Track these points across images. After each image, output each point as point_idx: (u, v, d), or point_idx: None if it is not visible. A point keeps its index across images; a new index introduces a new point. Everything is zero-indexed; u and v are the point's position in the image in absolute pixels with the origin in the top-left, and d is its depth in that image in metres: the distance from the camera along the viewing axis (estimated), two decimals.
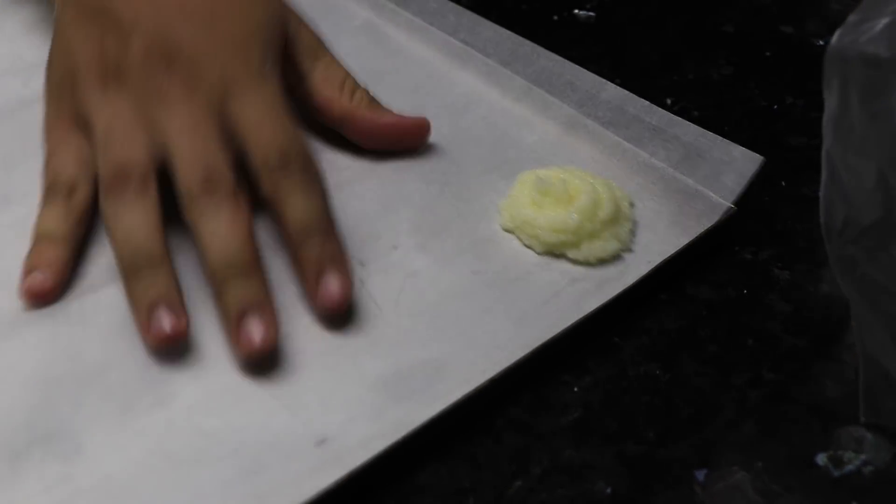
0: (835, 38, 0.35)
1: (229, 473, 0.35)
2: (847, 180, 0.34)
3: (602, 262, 0.43)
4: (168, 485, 0.34)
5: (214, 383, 0.38)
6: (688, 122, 0.47)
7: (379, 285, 0.42)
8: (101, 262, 0.42)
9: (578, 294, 0.41)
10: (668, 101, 0.54)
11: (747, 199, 0.44)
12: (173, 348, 0.38)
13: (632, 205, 0.45)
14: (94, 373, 0.38)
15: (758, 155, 0.45)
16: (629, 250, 0.43)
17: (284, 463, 0.35)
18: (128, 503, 0.34)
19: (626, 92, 0.50)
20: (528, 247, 0.44)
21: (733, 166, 0.45)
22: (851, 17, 0.34)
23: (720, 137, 0.46)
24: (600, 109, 0.49)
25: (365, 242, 0.44)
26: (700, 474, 0.36)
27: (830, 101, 0.35)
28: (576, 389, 0.39)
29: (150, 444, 0.36)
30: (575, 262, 0.43)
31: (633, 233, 0.44)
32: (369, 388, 0.37)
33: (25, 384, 0.37)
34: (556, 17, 0.61)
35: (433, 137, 0.49)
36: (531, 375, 0.39)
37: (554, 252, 0.43)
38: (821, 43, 0.59)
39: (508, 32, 0.54)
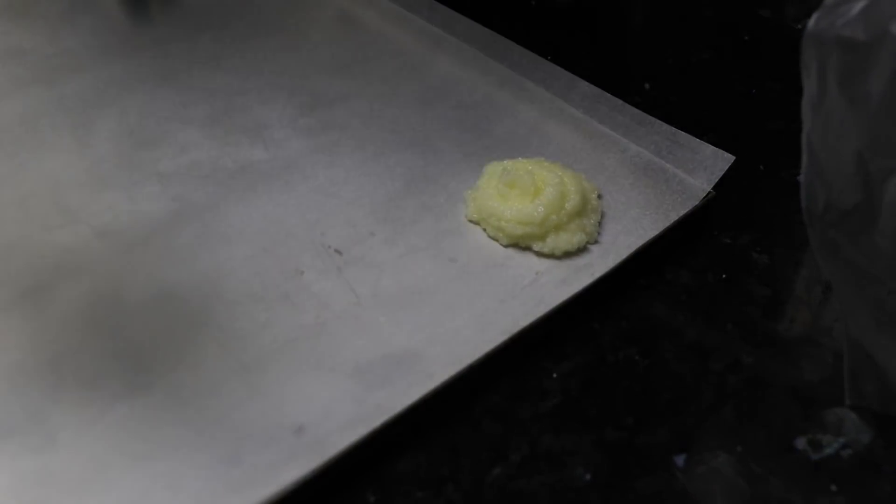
0: (811, 22, 0.34)
1: (207, 462, 0.34)
2: (827, 164, 0.34)
3: (568, 254, 0.42)
4: (145, 474, 0.34)
5: (191, 372, 0.37)
6: (660, 121, 0.47)
7: (357, 274, 0.41)
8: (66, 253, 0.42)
9: (543, 288, 0.41)
10: (647, 86, 0.53)
11: (726, 184, 0.44)
12: None
13: (600, 196, 0.45)
14: (65, 363, 0.37)
15: (728, 154, 0.45)
16: (596, 242, 0.43)
17: (262, 451, 0.35)
18: (104, 493, 0.33)
19: (599, 90, 0.49)
20: (494, 239, 0.43)
21: (704, 164, 0.45)
22: (828, 1, 0.34)
23: (692, 137, 0.46)
24: (573, 105, 0.49)
25: (341, 230, 0.43)
26: (679, 459, 0.36)
27: (809, 86, 0.35)
28: (555, 376, 0.39)
29: (126, 435, 0.35)
30: (540, 254, 0.43)
31: (600, 224, 0.44)
32: (347, 377, 0.37)
33: None
34: (534, 3, 0.60)
35: (403, 126, 0.49)
36: (510, 362, 0.39)
37: (519, 244, 0.43)
38: (799, 27, 0.59)
39: (483, 28, 0.53)
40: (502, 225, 0.43)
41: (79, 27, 0.55)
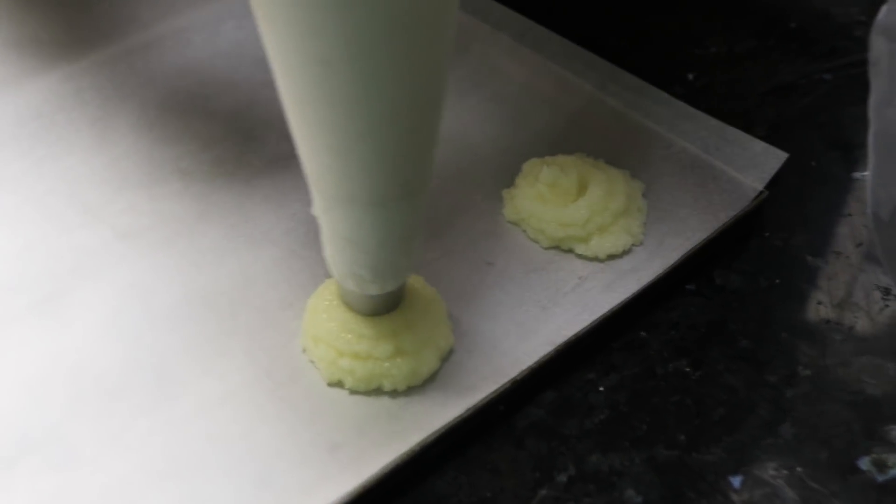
0: (881, 15, 0.32)
1: (237, 482, 0.33)
2: None
3: (612, 257, 0.40)
4: (171, 496, 0.32)
5: (217, 384, 0.35)
6: (707, 115, 0.45)
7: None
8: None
9: (587, 294, 0.39)
10: (690, 77, 0.51)
11: (776, 182, 0.42)
12: None
13: (644, 196, 0.43)
14: (88, 376, 0.36)
15: (781, 151, 0.42)
16: (641, 244, 0.41)
17: (296, 471, 0.33)
18: None
19: (641, 81, 0.47)
20: (534, 240, 0.41)
21: (755, 162, 0.43)
22: None
23: (741, 132, 0.44)
24: (614, 97, 0.47)
25: None
26: (735, 481, 0.34)
27: (877, 83, 0.32)
28: (601, 389, 0.37)
29: (151, 452, 0.33)
30: (583, 257, 0.40)
31: (645, 226, 0.41)
32: (383, 391, 0.35)
33: (14, 389, 0.35)
34: None
35: None
36: (553, 374, 0.37)
37: (561, 247, 0.41)
38: (849, 12, 0.56)
39: (518, 15, 0.51)
40: (543, 226, 0.40)
41: (96, 16, 0.53)
